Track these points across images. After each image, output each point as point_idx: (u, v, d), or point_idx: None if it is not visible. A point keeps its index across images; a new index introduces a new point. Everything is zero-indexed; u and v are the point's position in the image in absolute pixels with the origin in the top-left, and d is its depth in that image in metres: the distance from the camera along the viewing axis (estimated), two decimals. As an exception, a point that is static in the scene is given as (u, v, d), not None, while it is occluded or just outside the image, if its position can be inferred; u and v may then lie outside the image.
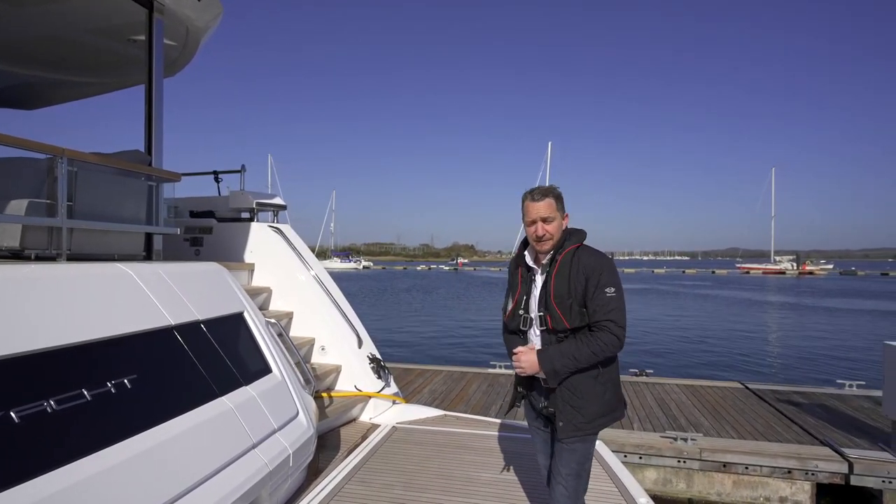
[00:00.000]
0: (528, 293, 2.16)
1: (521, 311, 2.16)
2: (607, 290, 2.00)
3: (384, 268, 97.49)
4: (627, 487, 3.04)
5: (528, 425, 2.35)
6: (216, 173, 5.21)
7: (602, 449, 3.65)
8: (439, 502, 2.88)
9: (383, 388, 4.54)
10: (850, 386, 6.52)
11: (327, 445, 3.68)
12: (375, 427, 4.14)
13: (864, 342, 15.06)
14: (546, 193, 2.12)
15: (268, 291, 4.64)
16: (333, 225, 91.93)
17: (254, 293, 4.28)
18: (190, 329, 2.52)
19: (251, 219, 4.97)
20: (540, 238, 2.10)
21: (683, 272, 79.48)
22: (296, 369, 3.29)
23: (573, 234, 2.16)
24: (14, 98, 5.15)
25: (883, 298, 31.69)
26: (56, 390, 1.77)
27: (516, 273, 2.25)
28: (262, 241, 4.81)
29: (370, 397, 4.42)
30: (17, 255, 2.63)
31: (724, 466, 4.48)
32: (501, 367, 7.39)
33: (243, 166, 5.07)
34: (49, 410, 1.70)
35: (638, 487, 3.04)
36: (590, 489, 3.04)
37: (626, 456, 4.60)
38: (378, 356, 4.68)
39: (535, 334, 2.13)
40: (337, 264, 77.72)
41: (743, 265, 79.40)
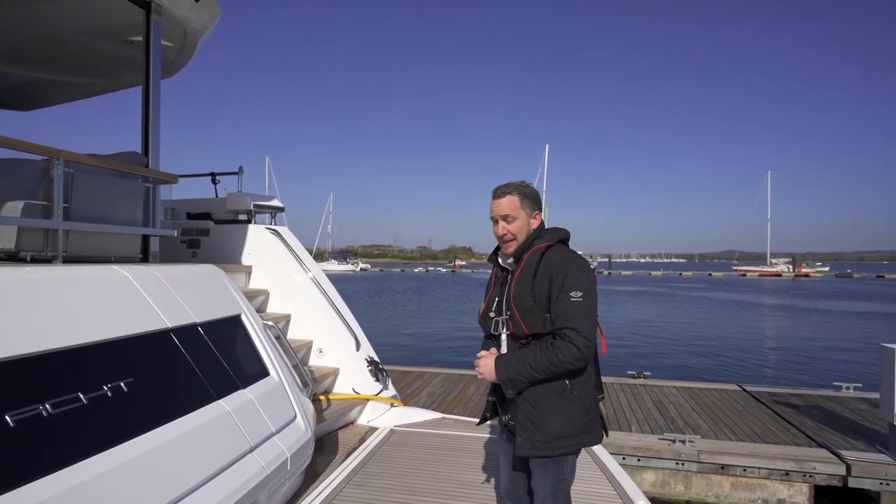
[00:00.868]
0: (501, 294, 1.99)
1: (493, 314, 2.00)
2: (572, 294, 1.77)
3: (381, 270, 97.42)
4: (626, 490, 3.03)
5: (499, 436, 2.18)
6: (213, 175, 5.19)
7: (600, 451, 3.64)
8: (438, 506, 2.87)
9: (381, 391, 4.52)
10: (848, 388, 6.54)
11: (325, 448, 3.66)
12: (373, 430, 4.12)
13: (861, 344, 15.12)
14: (509, 190, 1.93)
15: (265, 294, 4.62)
16: (331, 227, 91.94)
17: (251, 295, 4.26)
18: (187, 332, 2.50)
19: (248, 221, 4.96)
20: (501, 238, 1.95)
21: (680, 274, 79.77)
22: (293, 372, 3.28)
23: (546, 233, 1.96)
24: (11, 99, 5.13)
25: (879, 300, 31.85)
26: (51, 394, 1.75)
27: (493, 273, 2.11)
28: (260, 243, 4.79)
29: (368, 400, 4.41)
30: (13, 257, 2.61)
31: (723, 468, 4.49)
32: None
33: (241, 168, 5.06)
34: (44, 414, 1.69)
35: (636, 490, 3.04)
36: (588, 492, 3.04)
37: (625, 458, 4.60)
38: (376, 359, 4.67)
39: (504, 338, 1.97)
40: (334, 266, 77.62)
41: (739, 267, 79.71)
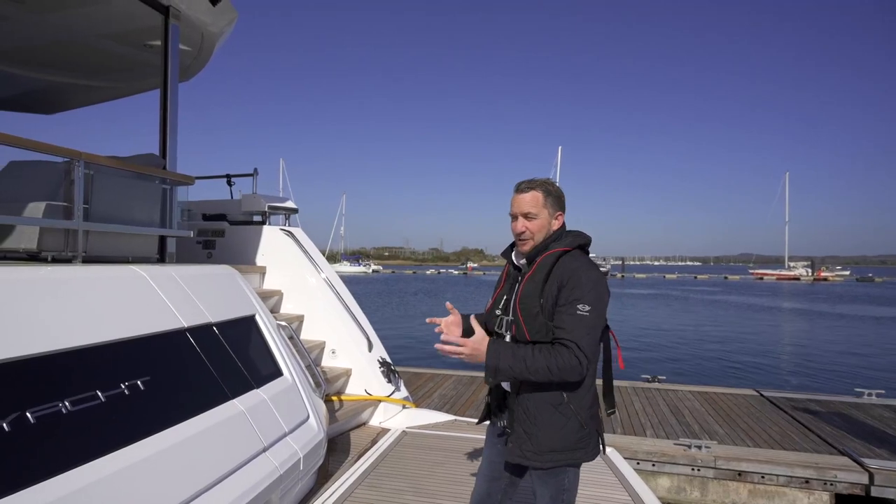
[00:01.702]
0: (510, 293, 1.90)
1: (499, 311, 1.91)
2: (580, 308, 1.67)
3: (393, 272, 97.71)
4: (640, 495, 2.99)
5: (486, 439, 2.07)
6: (229, 177, 5.26)
7: (614, 456, 3.60)
8: (450, 508, 2.86)
9: (393, 393, 4.52)
10: (870, 394, 6.37)
11: (337, 449, 3.67)
12: (385, 431, 4.13)
13: (884, 350, 14.76)
14: (533, 186, 1.84)
15: (279, 294, 4.66)
16: (343, 229, 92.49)
17: (265, 296, 4.30)
18: (202, 331, 2.53)
19: (263, 222, 5.01)
20: (519, 235, 1.86)
21: (695, 277, 78.65)
22: (306, 372, 3.29)
23: (566, 236, 1.86)
24: (33, 102, 5.25)
25: (901, 305, 31.07)
26: (71, 391, 1.78)
27: (505, 269, 2.02)
28: (274, 245, 4.83)
29: (380, 401, 4.41)
30: (35, 257, 2.66)
31: (740, 475, 4.40)
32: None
33: (255, 170, 5.11)
34: (64, 411, 1.71)
35: (651, 495, 2.99)
36: (602, 497, 3.01)
37: (639, 463, 4.53)
38: (388, 360, 4.67)
39: (507, 340, 1.87)
40: (346, 268, 78.05)
41: (756, 271, 78.35)
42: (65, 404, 1.73)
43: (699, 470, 4.47)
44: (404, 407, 4.50)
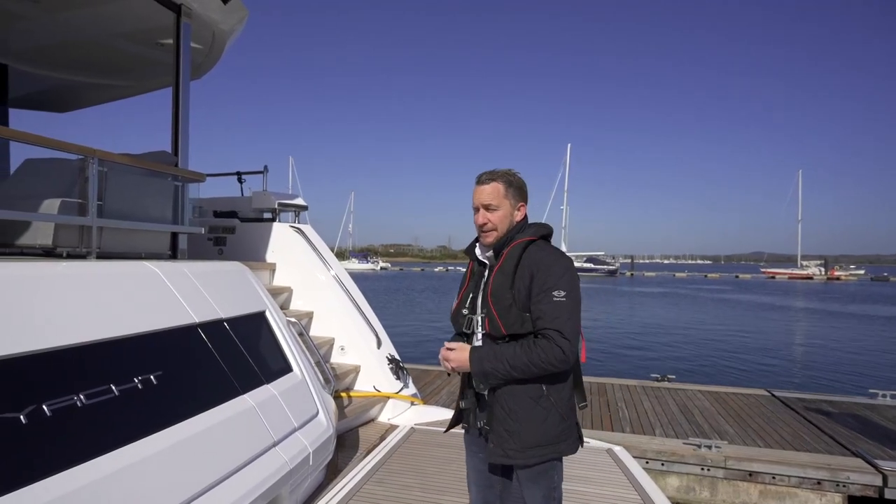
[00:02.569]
0: (476, 290, 1.86)
1: (466, 311, 1.85)
2: (555, 294, 1.66)
3: (401, 269, 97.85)
4: (649, 494, 2.98)
5: (466, 448, 1.99)
6: (239, 174, 5.29)
7: (623, 454, 3.58)
8: (458, 505, 2.86)
9: (401, 389, 4.54)
10: (884, 396, 6.28)
11: (346, 445, 3.69)
12: (394, 428, 4.14)
13: (898, 350, 14.53)
14: (494, 177, 1.82)
15: (289, 291, 4.69)
16: (352, 226, 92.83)
17: (275, 292, 4.33)
18: (213, 327, 2.55)
19: (273, 219, 5.04)
20: (481, 227, 1.83)
21: (706, 276, 77.89)
22: (316, 369, 3.32)
23: (529, 228, 1.84)
24: (47, 101, 5.32)
25: (917, 305, 30.54)
26: (86, 385, 1.81)
27: (468, 268, 1.98)
28: (284, 242, 4.86)
29: (388, 398, 4.43)
30: (50, 253, 2.70)
31: (750, 475, 4.36)
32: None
33: (266, 167, 5.14)
34: (79, 404, 1.74)
35: (660, 494, 2.98)
36: (611, 496, 3.00)
37: (648, 462, 4.51)
38: (397, 357, 4.69)
39: (478, 339, 1.82)
40: (354, 265, 78.34)
41: (768, 270, 77.42)
42: (80, 398, 1.76)
43: (709, 470, 4.44)
44: (412, 404, 4.52)
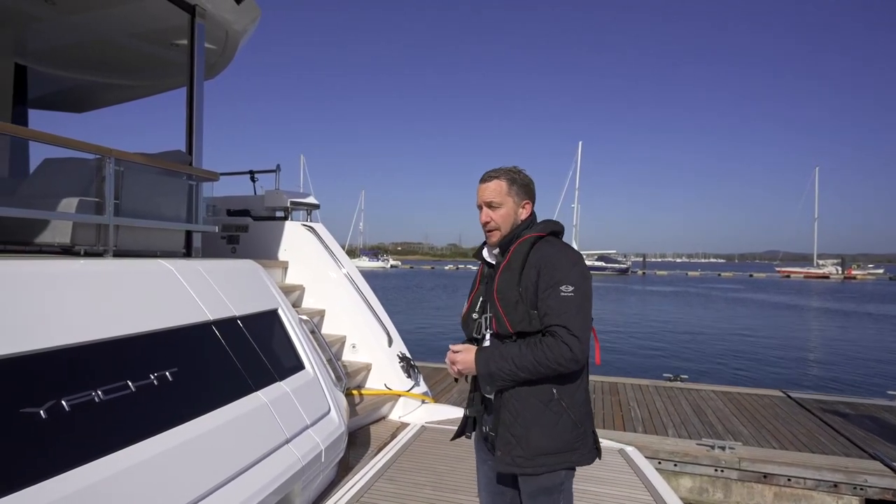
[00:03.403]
0: (486, 294, 1.77)
1: (475, 315, 1.78)
2: (563, 289, 1.58)
3: (412, 267, 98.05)
4: (662, 495, 2.95)
5: (475, 454, 1.93)
6: (252, 173, 5.34)
7: (635, 455, 3.56)
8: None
9: (413, 388, 4.55)
10: (903, 397, 6.17)
11: (357, 443, 3.71)
12: (405, 426, 4.16)
13: (917, 351, 14.23)
14: (497, 175, 1.76)
15: (301, 289, 4.72)
16: (363, 224, 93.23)
17: (287, 290, 4.36)
18: (227, 324, 2.58)
19: (285, 217, 5.07)
20: (484, 226, 1.77)
21: (719, 275, 76.98)
22: (328, 366, 3.34)
23: (538, 224, 1.78)
24: (64, 101, 5.41)
25: (937, 305, 29.88)
26: (103, 381, 1.83)
27: (479, 271, 1.91)
28: (296, 240, 4.90)
29: (399, 396, 4.44)
30: (68, 251, 2.75)
31: (765, 477, 4.31)
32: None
33: (278, 166, 5.18)
34: (97, 400, 1.77)
35: (673, 495, 2.95)
36: (623, 496, 2.98)
37: (660, 463, 4.48)
38: (408, 355, 4.70)
39: (487, 341, 1.76)
40: (365, 263, 78.65)
41: (783, 269, 76.20)
42: (97, 393, 1.78)
43: (722, 471, 4.39)
44: (423, 402, 4.53)
